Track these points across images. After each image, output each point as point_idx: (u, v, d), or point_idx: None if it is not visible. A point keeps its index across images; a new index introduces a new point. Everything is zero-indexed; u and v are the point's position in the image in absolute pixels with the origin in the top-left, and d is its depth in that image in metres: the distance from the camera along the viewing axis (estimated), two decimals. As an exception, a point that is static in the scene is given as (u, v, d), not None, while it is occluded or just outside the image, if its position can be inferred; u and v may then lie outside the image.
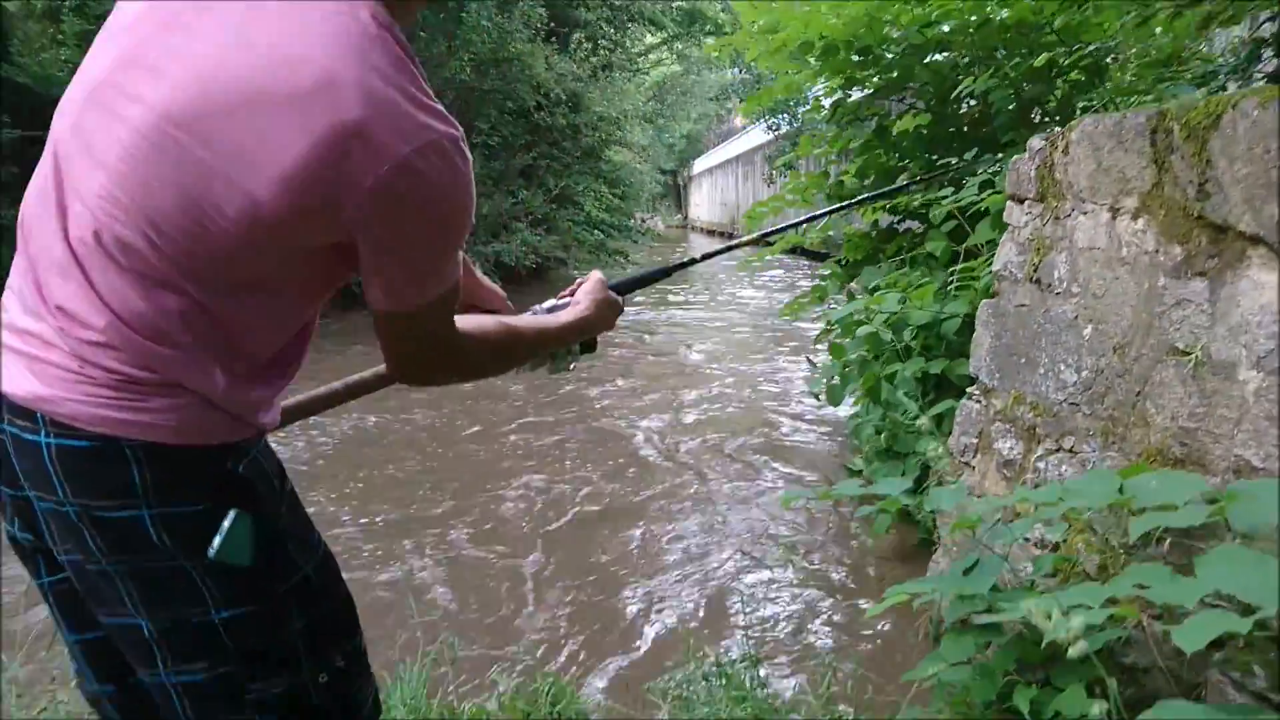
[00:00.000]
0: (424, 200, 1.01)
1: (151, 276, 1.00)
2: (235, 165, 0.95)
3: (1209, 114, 1.86)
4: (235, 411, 1.08)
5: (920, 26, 4.09)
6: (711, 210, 40.72)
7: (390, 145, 0.95)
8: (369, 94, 0.94)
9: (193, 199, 0.96)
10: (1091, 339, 2.28)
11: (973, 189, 3.62)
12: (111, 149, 0.98)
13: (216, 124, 0.95)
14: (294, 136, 0.93)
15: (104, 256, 0.99)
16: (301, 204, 0.96)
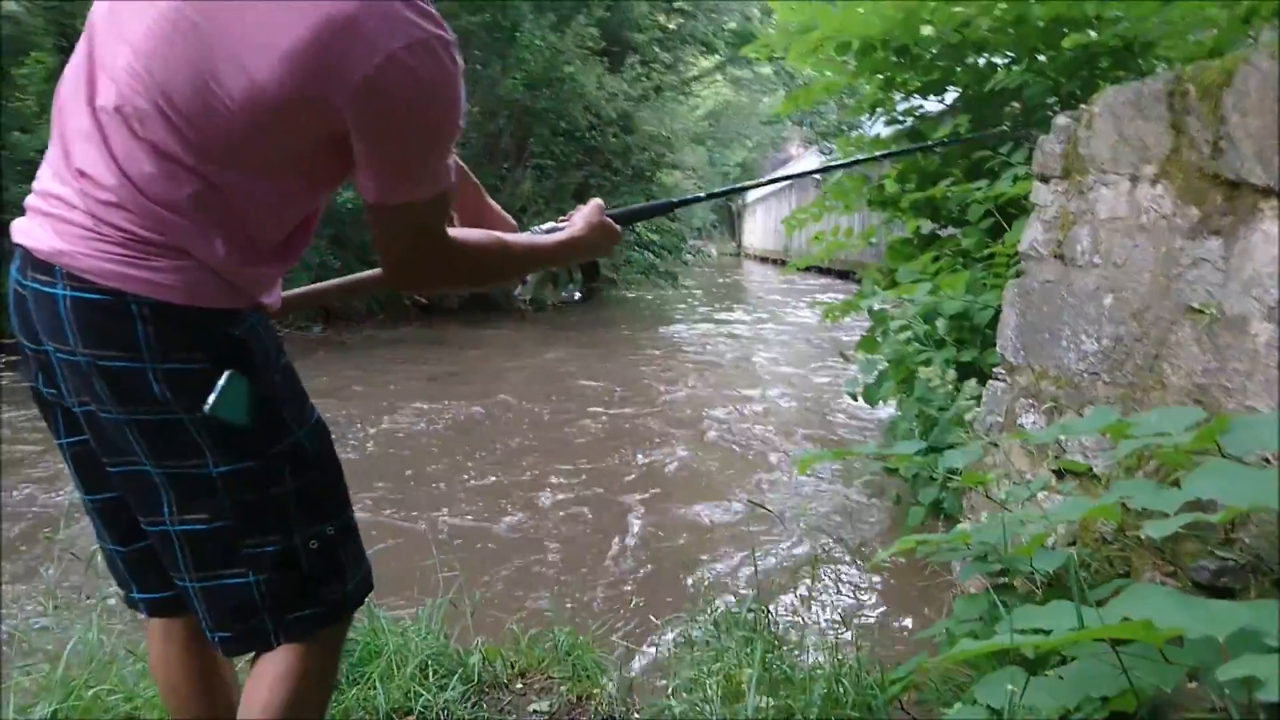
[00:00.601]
0: (414, 96, 1.07)
1: (163, 148, 1.07)
2: (240, 48, 1.02)
3: (1223, 71, 1.88)
4: (237, 283, 1.16)
5: (957, 26, 4.11)
6: (765, 238, 40.71)
7: (381, 39, 1.01)
8: None
9: (202, 77, 1.04)
10: (1112, 308, 2.28)
11: (1008, 180, 3.62)
12: (138, 28, 1.07)
13: (226, 8, 1.03)
14: (292, 21, 1.00)
15: (123, 125, 1.08)
16: (298, 90, 1.03)
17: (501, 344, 10.77)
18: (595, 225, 1.56)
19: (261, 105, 1.04)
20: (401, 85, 1.05)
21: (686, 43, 16.95)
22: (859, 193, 5.28)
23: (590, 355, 9.89)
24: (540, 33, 12.09)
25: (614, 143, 14.48)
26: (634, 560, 3.83)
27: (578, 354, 9.97)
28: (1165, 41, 3.80)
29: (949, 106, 4.71)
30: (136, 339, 1.09)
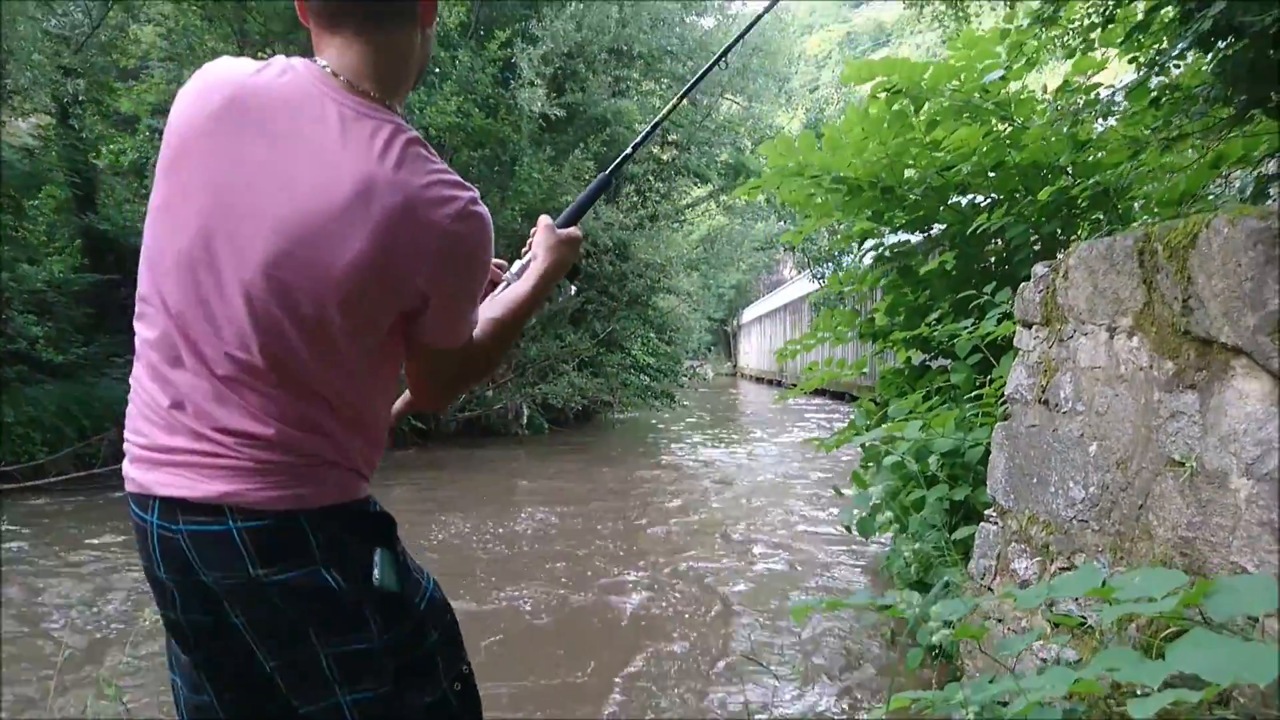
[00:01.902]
0: (470, 252, 1.26)
1: (296, 387, 1.22)
2: (329, 277, 1.17)
3: (1187, 233, 1.96)
4: (367, 470, 1.34)
5: (939, 169, 4.27)
6: (760, 358, 41.06)
7: (434, 218, 1.20)
8: (400, 183, 1.18)
9: (310, 324, 1.20)
10: (1096, 455, 2.31)
11: (992, 320, 3.70)
12: (234, 310, 1.19)
13: (303, 256, 1.17)
14: (359, 232, 1.16)
15: (255, 382, 1.21)
16: (382, 281, 1.19)
17: (498, 470, 10.74)
18: (555, 245, 1.62)
19: (359, 311, 1.20)
20: (460, 247, 1.24)
21: (680, 174, 17.48)
22: (850, 325, 5.39)
23: (581, 481, 9.85)
24: (539, 166, 12.48)
25: (610, 269, 14.77)
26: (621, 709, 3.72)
27: (569, 479, 9.94)
28: (1139, 183, 3.95)
29: (935, 242, 4.85)
30: (309, 546, 1.23)
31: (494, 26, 12.33)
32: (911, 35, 11.10)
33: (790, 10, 26.64)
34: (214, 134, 1.20)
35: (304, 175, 1.17)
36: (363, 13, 1.26)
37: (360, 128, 1.20)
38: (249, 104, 1.21)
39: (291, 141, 1.19)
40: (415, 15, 1.32)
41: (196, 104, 1.23)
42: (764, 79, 17.72)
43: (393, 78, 1.30)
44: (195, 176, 1.21)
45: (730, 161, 18.47)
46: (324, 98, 1.22)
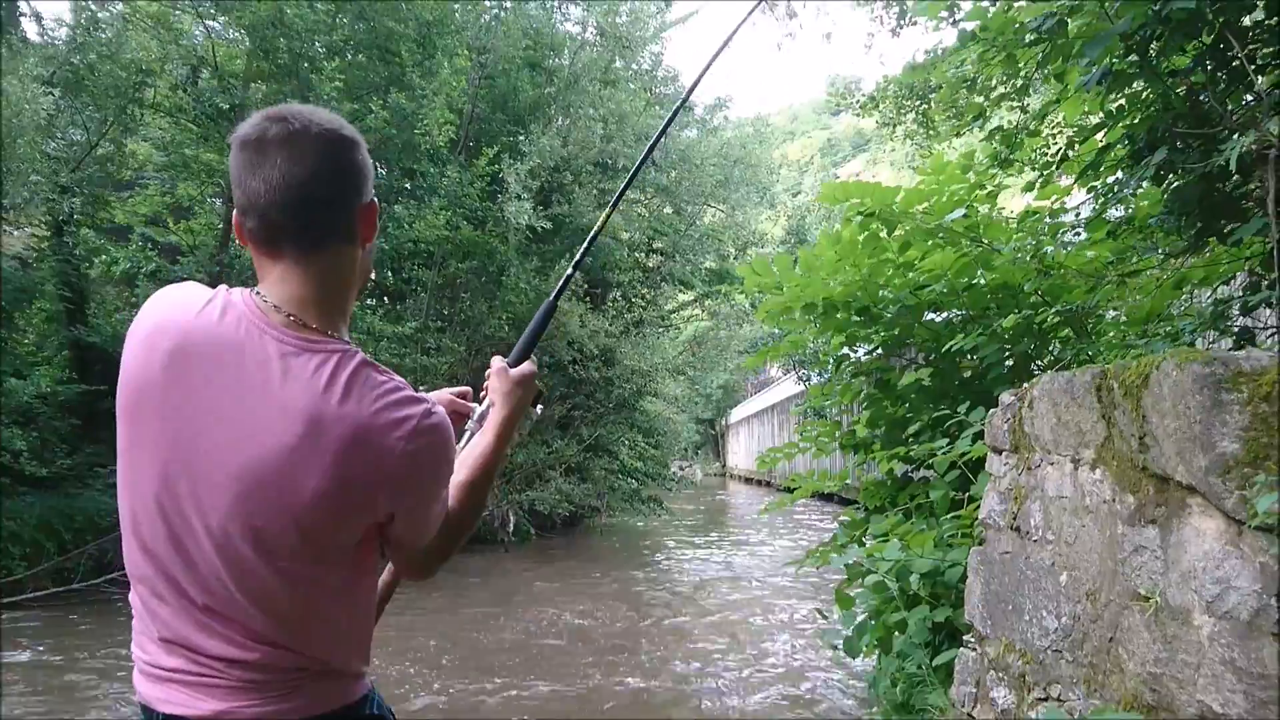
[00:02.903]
0: (430, 466, 1.29)
1: (277, 613, 1.24)
2: (292, 515, 1.20)
3: (1140, 373, 2.04)
4: (361, 662, 1.36)
5: (912, 289, 4.39)
6: (749, 459, 40.98)
7: (388, 443, 1.22)
8: (347, 415, 1.20)
9: (281, 558, 1.22)
10: (1067, 585, 2.35)
11: (967, 439, 3.77)
12: (205, 551, 1.22)
13: (264, 498, 1.20)
14: (314, 469, 1.19)
15: (235, 612, 1.23)
16: (346, 508, 1.23)
17: (488, 581, 10.61)
18: (510, 389, 1.65)
19: (327, 540, 1.24)
20: (415, 468, 1.26)
21: (666, 281, 17.78)
22: (831, 436, 5.45)
23: (568, 594, 9.74)
24: (525, 276, 12.70)
25: (597, 376, 14.88)
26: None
27: (557, 592, 9.82)
28: (1103, 303, 4.07)
29: (910, 360, 4.95)
30: None
31: (482, 143, 12.69)
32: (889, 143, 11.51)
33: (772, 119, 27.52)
34: (165, 384, 1.22)
35: (253, 419, 1.19)
36: (300, 235, 1.27)
37: (302, 364, 1.22)
38: (193, 352, 1.22)
39: (237, 386, 1.21)
40: (354, 235, 1.34)
41: (146, 353, 1.25)
42: (746, 188, 18.18)
43: (334, 302, 1.31)
44: (151, 426, 1.23)
45: (714, 268, 18.80)
46: (264, 336, 1.23)
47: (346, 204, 1.31)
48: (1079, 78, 2.99)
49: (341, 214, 1.30)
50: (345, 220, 1.31)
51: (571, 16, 16.58)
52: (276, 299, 1.27)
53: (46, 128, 9.20)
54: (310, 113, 1.30)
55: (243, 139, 1.27)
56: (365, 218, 1.34)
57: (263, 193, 1.24)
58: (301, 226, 1.27)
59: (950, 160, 4.39)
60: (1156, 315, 4.13)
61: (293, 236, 1.27)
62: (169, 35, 11.31)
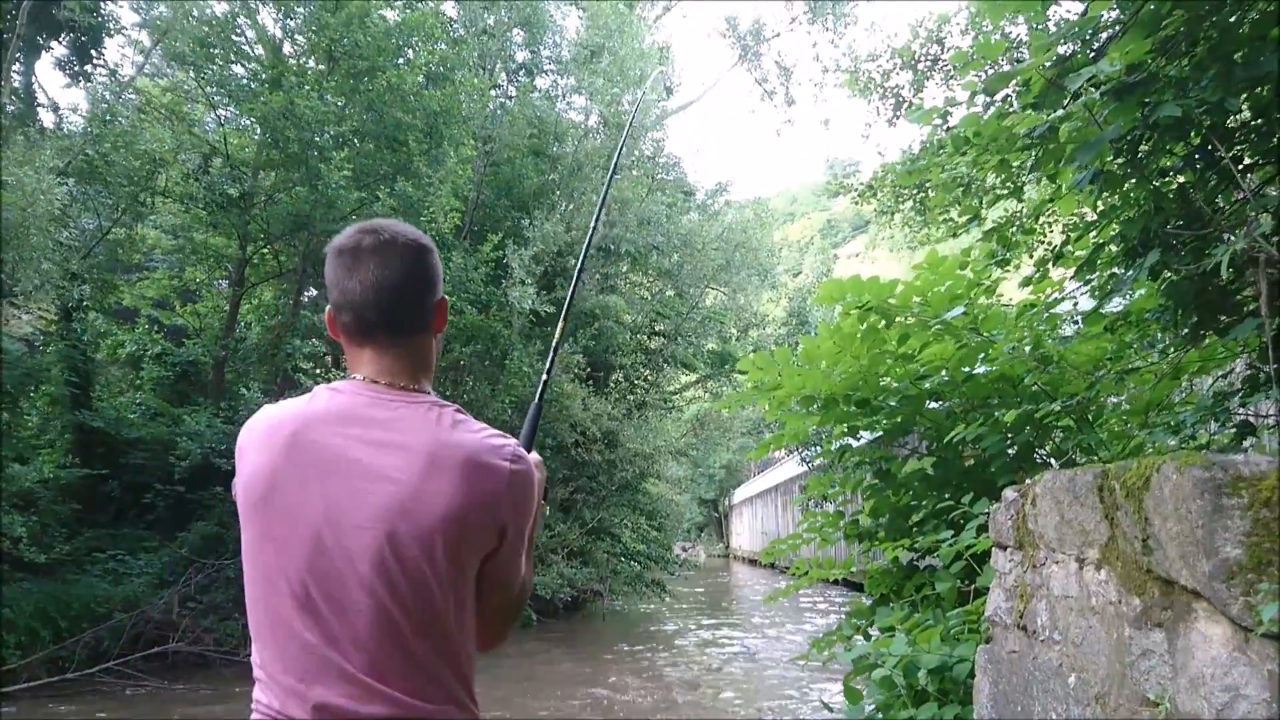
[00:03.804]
0: (528, 485, 1.47)
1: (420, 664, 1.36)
2: (432, 532, 1.35)
3: (1140, 475, 2.05)
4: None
5: (912, 380, 4.42)
6: (753, 539, 40.58)
7: (496, 461, 1.42)
8: (459, 441, 1.41)
9: (425, 594, 1.35)
10: (1076, 688, 2.32)
11: (971, 532, 3.75)
12: (356, 608, 1.34)
13: (405, 525, 1.35)
14: (443, 489, 1.36)
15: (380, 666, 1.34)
16: (472, 526, 1.38)
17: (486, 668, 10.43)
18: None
19: (459, 560, 1.38)
20: (518, 484, 1.44)
21: (668, 363, 17.89)
22: (835, 526, 5.41)
23: (566, 681, 9.56)
24: (528, 360, 12.78)
25: (599, 458, 14.86)
26: None
27: (557, 681, 9.65)
28: (1104, 392, 4.09)
29: (912, 449, 4.96)
30: None
31: (487, 229, 12.90)
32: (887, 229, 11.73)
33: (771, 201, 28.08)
34: (293, 466, 1.39)
35: (381, 465, 1.37)
36: (389, 327, 1.50)
37: (410, 411, 1.44)
38: (312, 432, 1.41)
39: (361, 444, 1.39)
40: (430, 326, 1.56)
41: (267, 449, 1.42)
42: (747, 271, 18.40)
43: (419, 371, 1.53)
44: (290, 507, 1.38)
45: (716, 350, 18.91)
46: (372, 402, 1.45)
47: (425, 301, 1.54)
48: (1072, 177, 3.07)
49: (422, 309, 1.54)
50: (425, 314, 1.55)
51: (575, 105, 17.03)
52: (371, 374, 1.49)
53: (60, 217, 9.36)
54: (396, 226, 1.54)
55: (339, 248, 1.51)
56: (439, 310, 1.58)
57: (358, 292, 1.47)
58: (391, 320, 1.50)
59: (946, 257, 4.46)
60: (1157, 404, 4.15)
61: (383, 328, 1.50)
62: (182, 126, 11.59)
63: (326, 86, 12.03)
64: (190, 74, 12.35)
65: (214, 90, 12.19)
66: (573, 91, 17.06)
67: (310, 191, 11.34)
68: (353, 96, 12.21)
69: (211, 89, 12.17)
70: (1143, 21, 2.49)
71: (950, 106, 3.90)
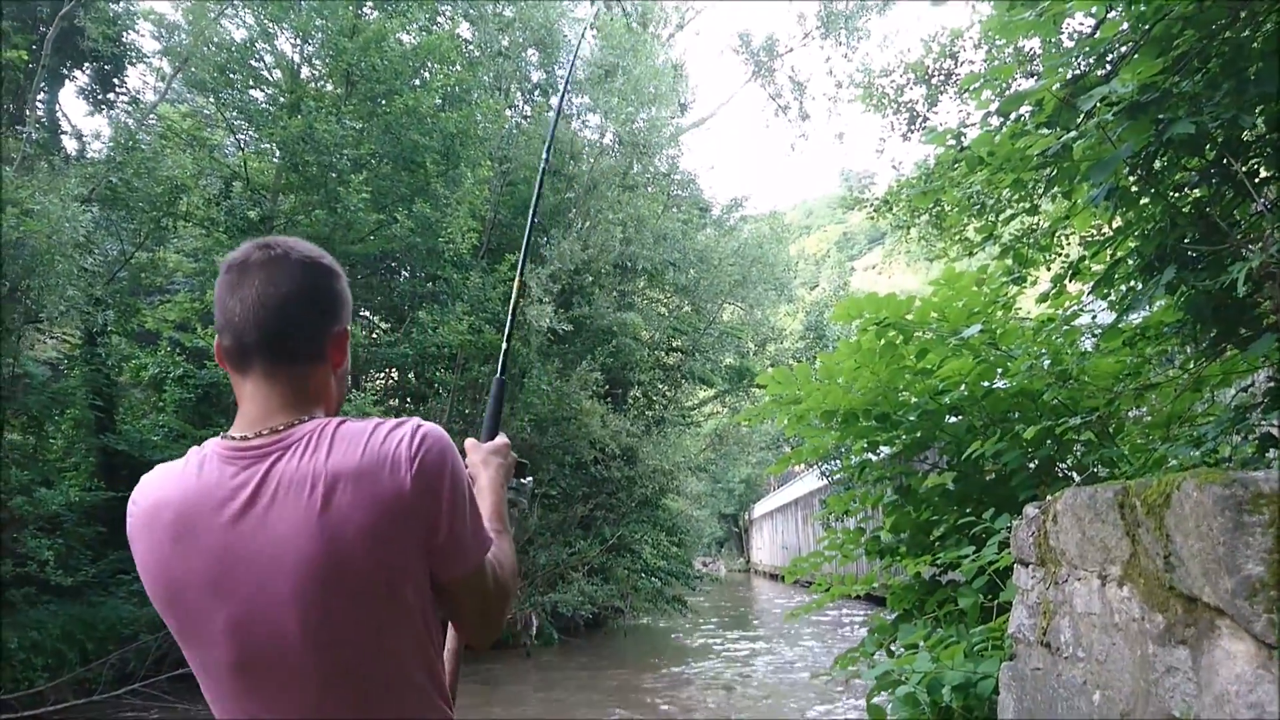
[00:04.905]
0: (440, 460, 1.28)
1: (382, 696, 1.28)
2: (352, 567, 1.23)
3: (1161, 492, 2.06)
4: None
5: (931, 395, 4.43)
6: (773, 554, 40.42)
7: (387, 468, 1.25)
8: (345, 462, 1.25)
9: (369, 635, 1.27)
10: (1101, 705, 2.32)
11: (993, 548, 3.75)
12: (302, 682, 1.25)
13: (323, 572, 1.22)
14: (346, 513, 1.22)
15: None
16: (388, 537, 1.24)
17: (509, 684, 10.44)
18: (485, 459, 1.71)
19: (394, 563, 1.26)
20: (429, 465, 1.26)
21: (686, 379, 17.91)
22: (856, 543, 5.41)
23: (587, 699, 9.55)
24: (547, 378, 12.83)
25: (619, 475, 14.88)
26: None
27: (587, 696, 9.64)
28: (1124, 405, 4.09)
29: (933, 464, 4.96)
30: None
31: (504, 248, 12.98)
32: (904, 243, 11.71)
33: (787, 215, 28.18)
34: (183, 555, 1.26)
35: (279, 528, 1.23)
36: (268, 350, 1.32)
37: (286, 461, 1.26)
38: (193, 522, 1.26)
39: (247, 518, 1.24)
40: (324, 357, 1.39)
41: (151, 539, 1.29)
42: (763, 286, 18.42)
43: (308, 406, 1.35)
44: (197, 609, 1.26)
45: (734, 365, 18.92)
46: (249, 467, 1.27)
47: (316, 326, 1.36)
48: (1087, 194, 3.08)
49: (311, 334, 1.36)
50: (315, 341, 1.36)
51: (590, 124, 17.14)
52: (245, 426, 1.32)
53: (84, 244, 9.50)
54: (295, 242, 1.37)
55: (227, 263, 1.35)
56: (336, 343, 1.40)
57: (238, 312, 1.31)
58: (270, 343, 1.32)
59: (963, 273, 4.47)
60: (1179, 417, 4.14)
61: (262, 352, 1.32)
62: (203, 151, 11.75)
63: (344, 110, 12.17)
64: (210, 100, 12.54)
65: (234, 115, 12.37)
66: (587, 110, 17.19)
67: (329, 214, 11.46)
68: (370, 120, 12.34)
69: (231, 114, 12.35)
70: (1155, 40, 2.50)
71: (964, 127, 3.92)
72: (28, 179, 9.58)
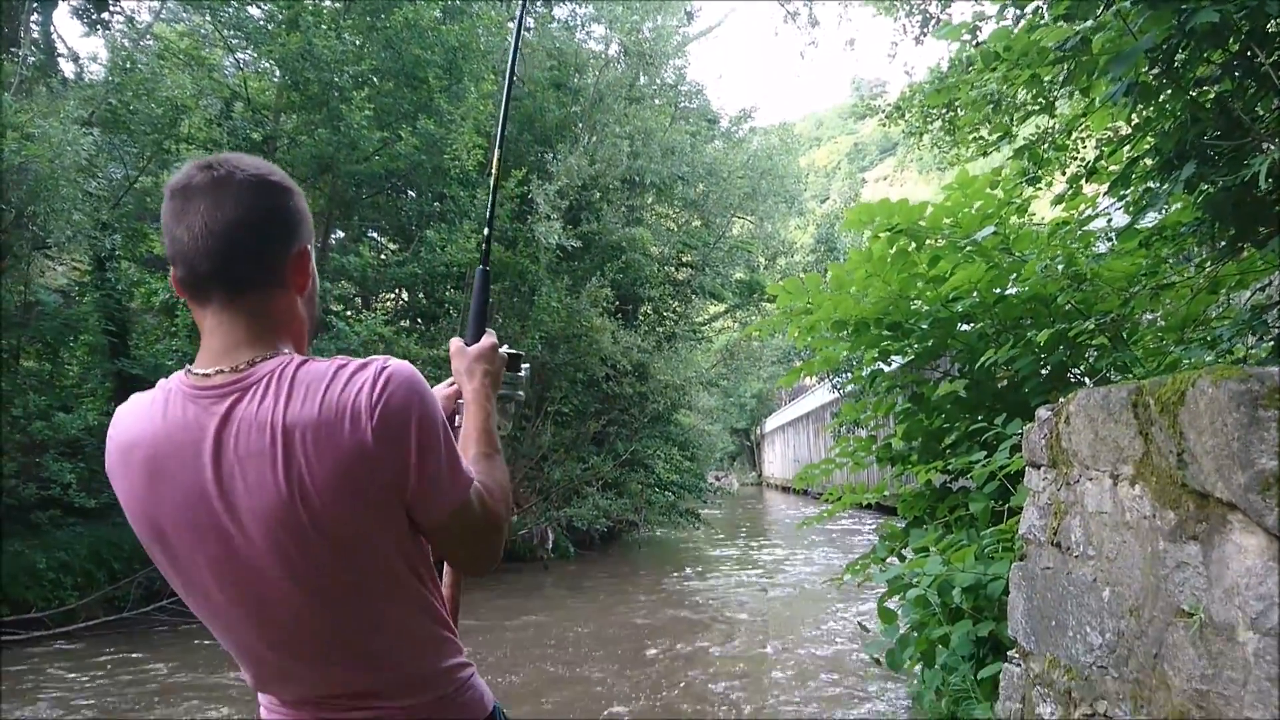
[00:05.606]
0: (405, 402, 1.21)
1: (360, 637, 1.28)
2: (324, 521, 1.19)
3: (1175, 390, 2.05)
4: (467, 671, 1.39)
5: (944, 303, 4.40)
6: (784, 467, 40.83)
7: (349, 415, 1.19)
8: (305, 413, 1.19)
9: (352, 570, 1.25)
10: (1110, 601, 2.35)
11: (1004, 453, 3.77)
12: (288, 617, 1.25)
13: (295, 524, 1.20)
14: (312, 463, 1.18)
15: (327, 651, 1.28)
16: (357, 485, 1.19)
17: (526, 597, 10.67)
18: (470, 367, 1.62)
19: (367, 512, 1.22)
20: (393, 409, 1.20)
21: (696, 294, 17.83)
22: (868, 450, 5.45)
23: (610, 613, 9.76)
24: (557, 295, 12.79)
25: (631, 391, 14.94)
26: None
27: (600, 613, 9.86)
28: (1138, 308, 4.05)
29: (944, 372, 4.95)
30: None
31: (510, 165, 12.81)
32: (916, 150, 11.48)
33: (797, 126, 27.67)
34: (158, 496, 1.24)
35: (246, 472, 1.20)
36: (225, 279, 1.25)
37: (247, 403, 1.21)
38: (164, 463, 1.23)
39: (215, 460, 1.21)
40: (285, 281, 1.31)
41: (127, 477, 1.27)
42: (773, 198, 18.19)
43: (271, 335, 1.29)
44: (178, 542, 1.25)
45: (744, 279, 18.81)
46: (205, 411, 1.23)
47: (272, 249, 1.28)
48: (1105, 90, 3.00)
49: (266, 259, 1.28)
50: (272, 267, 1.29)
51: (595, 35, 16.75)
52: (208, 361, 1.26)
53: (87, 167, 9.41)
54: (238, 159, 1.28)
55: (170, 187, 1.26)
56: (297, 265, 1.32)
57: (186, 240, 1.23)
58: (225, 272, 1.25)
59: (977, 176, 4.40)
60: (1193, 320, 4.11)
61: (219, 282, 1.25)
62: (201, 71, 11.54)
63: (344, 25, 11.88)
64: (206, 18, 12.27)
65: (231, 34, 12.10)
66: (591, 20, 16.78)
67: (333, 133, 11.28)
68: (370, 34, 12.06)
69: (229, 32, 12.08)
70: (1179, -76, 2.40)
71: (979, 21, 3.80)
72: (26, 103, 9.45)
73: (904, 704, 5.56)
